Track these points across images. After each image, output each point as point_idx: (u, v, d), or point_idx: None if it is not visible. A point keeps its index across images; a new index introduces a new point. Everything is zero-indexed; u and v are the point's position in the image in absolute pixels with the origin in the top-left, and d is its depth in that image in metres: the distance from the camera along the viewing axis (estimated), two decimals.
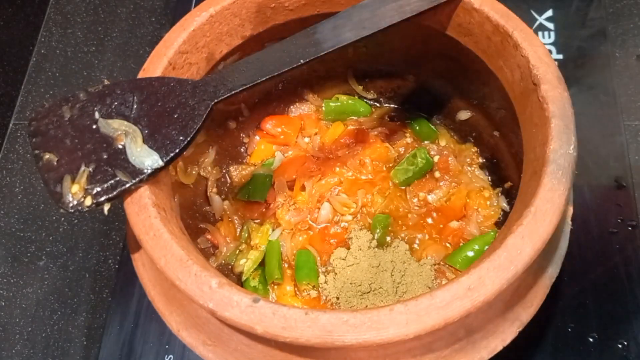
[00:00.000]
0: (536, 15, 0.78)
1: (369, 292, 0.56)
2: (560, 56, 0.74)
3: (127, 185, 0.42)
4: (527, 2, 0.78)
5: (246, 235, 0.62)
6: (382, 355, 0.41)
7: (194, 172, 0.59)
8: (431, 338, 0.41)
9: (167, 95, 0.45)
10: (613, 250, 0.62)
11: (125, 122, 0.44)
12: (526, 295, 0.45)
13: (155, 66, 0.48)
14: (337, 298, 0.56)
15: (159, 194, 0.44)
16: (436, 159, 0.63)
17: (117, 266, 0.67)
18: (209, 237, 0.61)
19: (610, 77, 0.72)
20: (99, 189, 0.42)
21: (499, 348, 0.43)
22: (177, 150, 0.43)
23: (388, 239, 0.60)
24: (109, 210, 0.42)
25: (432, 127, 0.66)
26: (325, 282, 0.58)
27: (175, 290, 0.45)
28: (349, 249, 0.59)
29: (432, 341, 0.41)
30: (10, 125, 0.79)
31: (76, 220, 0.72)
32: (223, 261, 0.61)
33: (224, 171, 0.64)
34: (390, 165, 0.64)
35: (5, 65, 0.82)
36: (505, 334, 0.43)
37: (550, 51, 0.74)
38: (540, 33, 0.76)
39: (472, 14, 0.49)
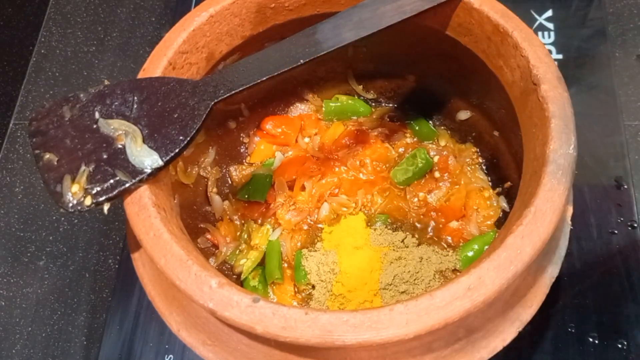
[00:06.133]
0: (536, 15, 0.78)
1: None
2: (560, 56, 0.74)
3: (127, 185, 0.42)
4: (527, 2, 0.78)
5: (246, 235, 0.62)
6: (382, 355, 0.41)
7: (194, 172, 0.59)
8: (431, 338, 0.41)
9: (167, 95, 0.45)
10: (613, 250, 0.62)
11: (125, 122, 0.44)
12: (526, 295, 0.45)
13: (155, 66, 0.48)
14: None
15: (159, 194, 0.44)
16: (436, 159, 0.63)
17: (117, 266, 0.67)
18: (209, 237, 0.61)
19: (610, 77, 0.72)
20: (98, 188, 0.42)
21: (499, 348, 0.43)
22: (176, 150, 0.43)
23: (388, 238, 0.60)
24: (108, 210, 0.42)
25: (432, 127, 0.66)
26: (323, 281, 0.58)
27: (175, 290, 0.45)
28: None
29: (432, 341, 0.41)
30: (10, 125, 0.79)
31: (76, 220, 0.72)
32: (223, 261, 0.61)
33: (224, 171, 0.64)
34: (390, 165, 0.64)
35: (5, 65, 0.82)
36: (505, 334, 0.43)
37: (550, 51, 0.74)
38: (540, 33, 0.76)
39: (472, 13, 0.49)
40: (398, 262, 0.57)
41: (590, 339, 0.58)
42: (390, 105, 0.68)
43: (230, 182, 0.65)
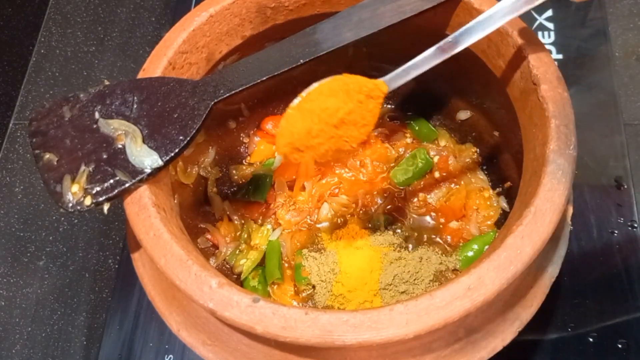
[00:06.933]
0: (536, 15, 0.78)
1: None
2: (560, 56, 0.74)
3: (127, 185, 0.42)
4: None
5: (246, 235, 0.62)
6: (382, 355, 0.41)
7: (194, 172, 0.59)
8: (431, 338, 0.41)
9: (167, 95, 0.45)
10: (613, 250, 0.62)
11: (125, 122, 0.44)
12: (526, 295, 0.45)
13: (155, 66, 0.48)
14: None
15: (159, 194, 0.44)
16: (436, 159, 0.63)
17: (117, 266, 0.67)
18: (209, 237, 0.61)
19: (610, 77, 0.72)
20: (98, 188, 0.42)
21: (499, 348, 0.43)
22: (176, 150, 0.43)
23: (388, 238, 0.60)
24: (108, 210, 0.43)
25: (432, 127, 0.66)
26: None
27: (175, 290, 0.45)
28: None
29: (432, 341, 0.41)
30: (10, 125, 0.79)
31: (76, 220, 0.72)
32: (223, 261, 0.61)
33: (224, 171, 0.64)
34: (391, 165, 0.64)
35: (5, 65, 0.82)
36: (505, 334, 0.43)
37: (550, 51, 0.74)
38: (540, 33, 0.76)
39: (472, 13, 0.49)
40: (398, 262, 0.57)
41: (590, 339, 0.58)
42: (390, 105, 0.68)
43: (230, 182, 0.65)
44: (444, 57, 0.45)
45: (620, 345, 0.57)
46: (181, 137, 0.43)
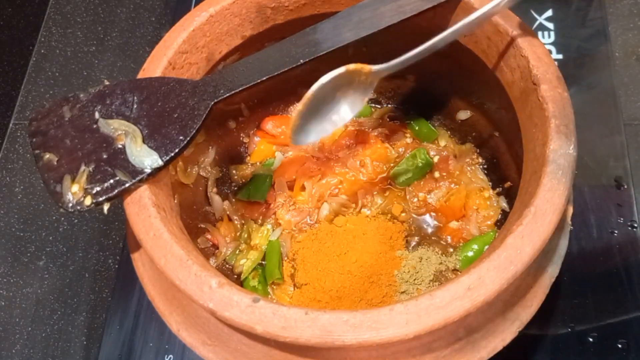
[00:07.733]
0: (536, 15, 0.78)
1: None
2: (560, 56, 0.74)
3: (127, 185, 0.42)
4: (527, 2, 0.78)
5: (246, 235, 0.62)
6: (382, 355, 0.41)
7: (194, 172, 0.59)
8: (431, 338, 0.41)
9: (167, 95, 0.45)
10: (613, 250, 0.62)
11: (125, 122, 0.44)
12: (526, 295, 0.45)
13: (155, 66, 0.48)
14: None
15: (159, 194, 0.44)
16: (436, 159, 0.63)
17: (117, 266, 0.67)
18: (209, 237, 0.61)
19: (610, 77, 0.72)
20: (98, 188, 0.42)
21: (499, 348, 0.43)
22: (176, 150, 0.43)
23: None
24: (108, 210, 0.43)
25: (432, 127, 0.66)
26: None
27: (175, 290, 0.45)
28: None
29: (432, 341, 0.41)
30: (10, 125, 0.79)
31: (76, 220, 0.72)
32: (223, 261, 0.61)
33: (224, 171, 0.64)
34: (391, 165, 0.64)
35: (5, 65, 0.82)
36: (505, 334, 0.43)
37: (550, 51, 0.74)
38: (540, 33, 0.76)
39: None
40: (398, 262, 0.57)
41: (590, 339, 0.58)
42: (390, 105, 0.68)
43: (230, 182, 0.65)
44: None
45: (620, 345, 0.57)
46: (181, 137, 0.43)
